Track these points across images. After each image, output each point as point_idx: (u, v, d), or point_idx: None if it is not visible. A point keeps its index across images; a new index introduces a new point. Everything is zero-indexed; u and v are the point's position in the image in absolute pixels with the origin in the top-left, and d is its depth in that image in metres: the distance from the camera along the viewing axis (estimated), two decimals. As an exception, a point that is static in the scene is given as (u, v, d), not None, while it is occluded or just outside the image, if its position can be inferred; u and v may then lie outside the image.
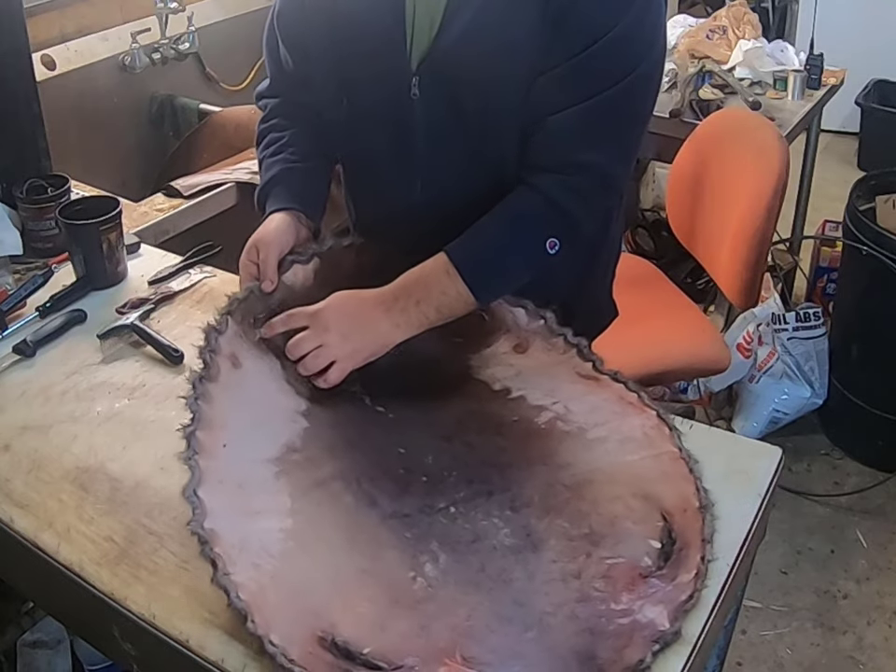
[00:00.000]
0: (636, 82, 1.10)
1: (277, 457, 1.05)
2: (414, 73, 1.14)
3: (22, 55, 1.62)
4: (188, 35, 2.48)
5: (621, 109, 1.11)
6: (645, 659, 0.86)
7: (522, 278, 1.17)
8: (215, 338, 1.10)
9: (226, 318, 1.13)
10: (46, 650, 1.70)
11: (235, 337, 1.13)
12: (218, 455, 1.01)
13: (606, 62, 1.08)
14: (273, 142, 1.30)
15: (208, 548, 0.90)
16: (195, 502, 0.93)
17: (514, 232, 1.15)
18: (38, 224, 1.58)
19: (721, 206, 1.95)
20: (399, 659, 0.86)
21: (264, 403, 1.10)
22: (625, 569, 0.94)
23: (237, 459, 1.02)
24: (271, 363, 1.14)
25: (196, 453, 0.98)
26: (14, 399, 1.24)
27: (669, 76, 2.53)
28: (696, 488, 1.03)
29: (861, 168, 3.85)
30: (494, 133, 1.16)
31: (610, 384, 1.18)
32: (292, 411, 1.11)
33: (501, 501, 1.03)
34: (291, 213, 1.23)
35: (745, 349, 2.43)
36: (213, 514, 0.94)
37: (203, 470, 0.97)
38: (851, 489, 2.39)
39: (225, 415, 1.05)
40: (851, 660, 1.96)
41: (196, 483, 0.95)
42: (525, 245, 1.15)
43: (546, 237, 1.13)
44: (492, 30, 1.10)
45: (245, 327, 1.15)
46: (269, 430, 1.07)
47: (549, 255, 1.14)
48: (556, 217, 1.14)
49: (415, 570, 0.94)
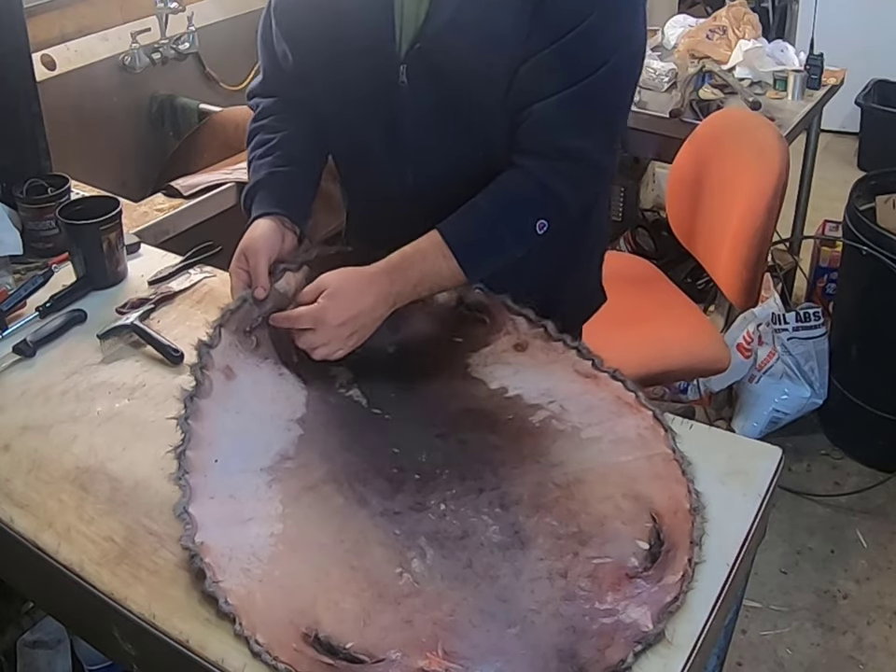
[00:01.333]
0: (613, 72, 1.13)
1: (270, 466, 1.07)
2: (402, 61, 1.16)
3: (22, 55, 1.62)
4: (188, 35, 2.48)
5: (603, 97, 1.15)
6: (626, 659, 0.86)
7: (511, 257, 1.21)
8: (206, 353, 1.11)
9: (219, 330, 1.14)
10: (46, 650, 1.70)
11: (230, 348, 1.14)
12: (210, 472, 1.03)
13: (582, 49, 1.11)
14: (262, 143, 1.30)
15: (198, 559, 0.94)
16: (186, 519, 0.97)
17: (506, 214, 1.18)
18: (38, 224, 1.58)
19: (720, 206, 1.95)
20: (381, 653, 0.87)
21: (258, 414, 1.12)
22: (612, 569, 0.95)
23: (229, 472, 1.04)
24: (267, 369, 1.16)
25: (186, 472, 1.01)
26: (14, 399, 1.24)
27: (669, 76, 2.53)
28: (688, 490, 1.04)
29: (860, 168, 3.85)
30: (481, 119, 1.18)
31: (609, 382, 1.19)
32: (286, 419, 1.13)
33: (492, 498, 1.03)
34: (276, 218, 1.24)
35: (745, 349, 2.43)
36: (203, 527, 0.98)
37: (193, 488, 1.00)
38: (851, 489, 2.39)
39: (217, 431, 1.07)
40: (851, 660, 1.96)
41: (187, 501, 0.99)
42: (517, 226, 1.18)
43: (536, 219, 1.17)
44: (477, 18, 1.12)
45: (240, 336, 1.16)
46: (262, 441, 1.09)
47: (537, 235, 1.18)
48: (546, 200, 1.17)
49: (402, 566, 0.95)
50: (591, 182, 1.22)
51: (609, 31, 1.12)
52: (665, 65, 2.56)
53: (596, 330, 1.95)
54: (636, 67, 1.21)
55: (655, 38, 2.84)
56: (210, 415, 1.08)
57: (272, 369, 1.17)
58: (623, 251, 2.94)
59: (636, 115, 2.45)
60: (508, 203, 1.18)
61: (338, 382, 1.19)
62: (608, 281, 1.50)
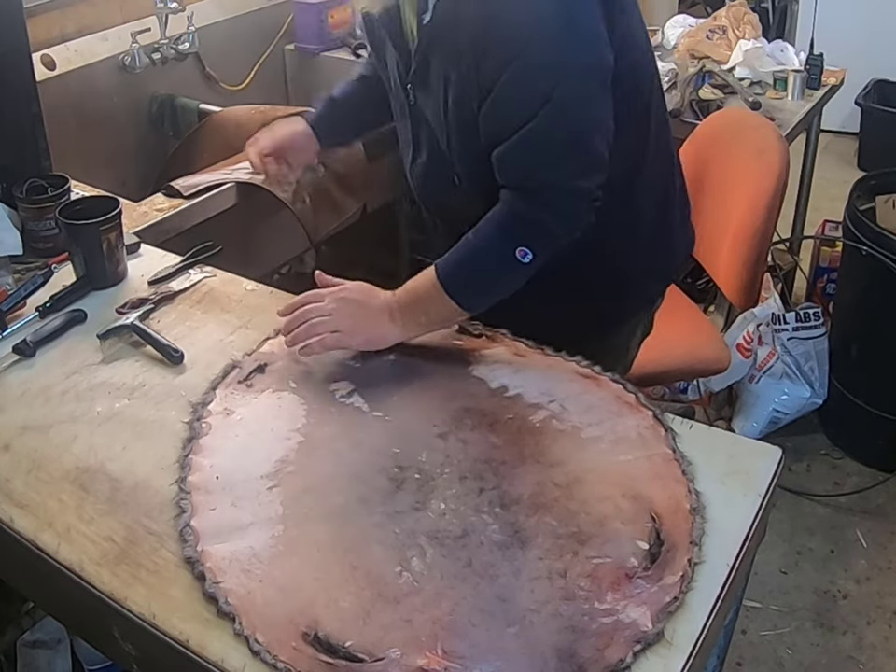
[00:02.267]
0: (561, 104, 1.13)
1: (271, 473, 1.08)
2: (408, 80, 1.27)
3: (22, 55, 1.62)
4: (188, 35, 2.48)
5: (558, 131, 1.15)
6: (625, 659, 0.86)
7: (502, 288, 1.23)
8: (202, 407, 1.18)
9: (213, 392, 1.21)
10: (46, 650, 1.70)
11: (226, 397, 1.20)
12: (211, 488, 1.06)
13: (518, 93, 1.15)
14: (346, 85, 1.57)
15: (199, 565, 0.96)
16: (188, 532, 0.99)
17: (485, 245, 1.21)
18: (38, 224, 1.58)
19: (720, 206, 1.95)
20: (380, 652, 0.87)
21: (257, 431, 1.15)
22: (611, 569, 0.95)
23: (230, 485, 1.07)
24: (265, 398, 1.20)
25: (188, 492, 1.05)
26: (14, 399, 1.24)
27: (669, 76, 2.53)
28: (688, 490, 1.04)
29: (861, 168, 3.85)
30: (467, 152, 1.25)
31: (609, 384, 1.20)
32: (287, 430, 1.15)
33: (491, 498, 1.04)
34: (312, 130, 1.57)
35: (745, 349, 2.43)
36: (205, 536, 0.99)
37: (195, 505, 1.03)
38: (851, 489, 2.39)
39: (217, 455, 1.11)
40: (851, 660, 1.96)
41: (189, 517, 1.01)
42: (496, 256, 1.20)
43: (514, 247, 1.18)
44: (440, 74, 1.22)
45: (234, 386, 1.22)
46: (262, 453, 1.11)
47: (523, 263, 1.18)
48: (526, 229, 1.19)
49: (402, 565, 0.96)
50: (575, 207, 1.20)
51: (540, 68, 1.13)
52: (665, 65, 2.56)
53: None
54: (589, 89, 1.16)
55: (655, 38, 2.84)
56: (210, 446, 1.12)
57: (269, 395, 1.21)
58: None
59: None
60: (490, 234, 1.21)
61: (338, 394, 1.20)
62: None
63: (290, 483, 1.06)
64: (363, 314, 1.24)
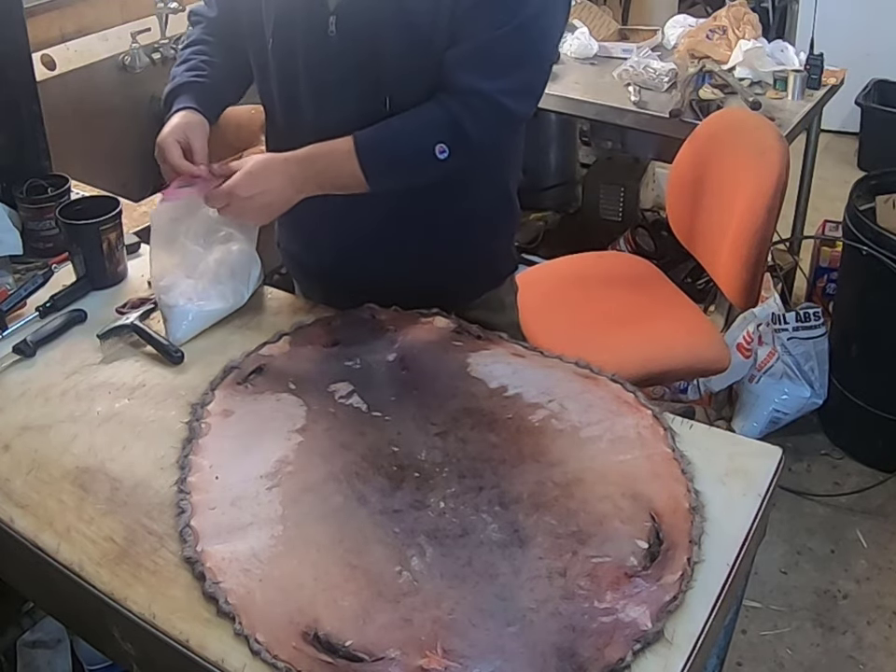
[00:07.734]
0: (527, 23, 1.20)
1: (271, 473, 1.08)
2: (332, 12, 1.25)
3: (22, 55, 1.62)
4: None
5: (513, 47, 1.22)
6: (625, 658, 0.87)
7: (410, 176, 1.29)
8: (200, 407, 1.18)
9: (212, 393, 1.21)
10: (46, 650, 1.70)
11: (225, 398, 1.20)
12: (211, 488, 1.06)
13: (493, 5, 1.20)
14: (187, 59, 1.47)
15: (199, 565, 0.96)
16: (188, 532, 1.00)
17: (411, 131, 1.25)
18: (38, 224, 1.58)
19: (720, 206, 1.95)
20: (380, 651, 0.87)
21: (257, 431, 1.15)
22: (611, 568, 0.95)
23: (230, 485, 1.07)
24: (264, 399, 1.20)
25: (188, 493, 1.05)
26: (14, 399, 1.24)
27: (669, 76, 2.53)
28: (687, 489, 1.04)
29: (861, 168, 3.85)
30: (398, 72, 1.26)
31: (608, 383, 1.20)
32: (286, 431, 1.15)
33: (491, 497, 1.04)
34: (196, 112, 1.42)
35: (745, 349, 2.43)
36: (205, 536, 1.00)
37: (195, 505, 1.03)
38: (851, 489, 2.39)
39: (217, 455, 1.11)
40: (851, 660, 1.96)
41: (189, 517, 1.01)
42: (418, 144, 1.24)
43: (437, 141, 1.23)
44: None
45: (234, 387, 1.22)
46: (262, 453, 1.11)
47: (437, 160, 1.23)
48: (450, 127, 1.23)
49: (402, 564, 0.96)
50: (497, 122, 1.26)
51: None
52: (665, 65, 2.56)
53: (597, 330, 1.96)
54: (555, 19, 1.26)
55: (655, 38, 2.84)
56: (209, 447, 1.12)
57: (269, 397, 1.21)
58: (622, 251, 2.94)
59: (636, 115, 2.46)
60: (414, 123, 1.25)
61: (338, 395, 1.20)
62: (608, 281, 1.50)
63: (290, 483, 1.06)
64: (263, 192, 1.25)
